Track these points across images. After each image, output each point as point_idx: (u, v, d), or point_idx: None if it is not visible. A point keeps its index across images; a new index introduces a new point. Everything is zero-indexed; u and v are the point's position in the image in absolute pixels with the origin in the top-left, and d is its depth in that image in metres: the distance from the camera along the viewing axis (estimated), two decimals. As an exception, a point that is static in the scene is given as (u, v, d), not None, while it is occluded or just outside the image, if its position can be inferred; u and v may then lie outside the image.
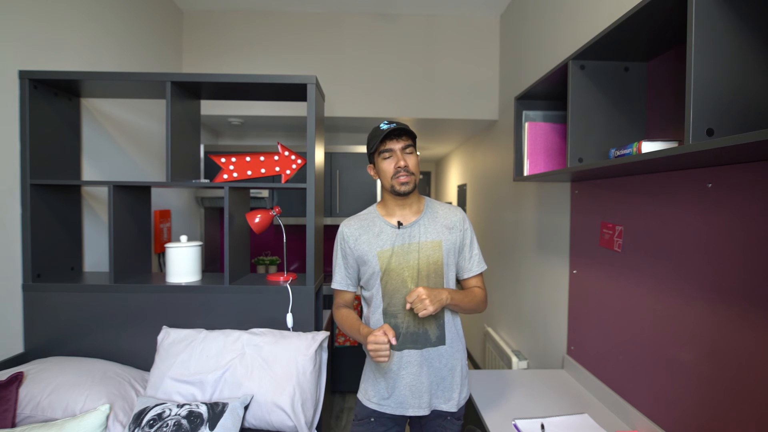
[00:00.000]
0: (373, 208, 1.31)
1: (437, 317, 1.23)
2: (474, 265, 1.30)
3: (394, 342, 1.02)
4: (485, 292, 1.31)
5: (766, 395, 0.89)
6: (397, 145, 1.19)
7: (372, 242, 1.23)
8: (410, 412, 1.21)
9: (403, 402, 1.21)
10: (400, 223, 1.24)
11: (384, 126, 1.18)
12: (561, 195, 1.84)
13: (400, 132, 1.18)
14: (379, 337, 1.03)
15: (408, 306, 1.09)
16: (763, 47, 0.78)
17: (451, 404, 1.23)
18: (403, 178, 1.18)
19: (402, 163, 1.18)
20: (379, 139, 1.17)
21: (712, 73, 0.77)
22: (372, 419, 1.25)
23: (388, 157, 1.20)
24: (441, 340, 1.23)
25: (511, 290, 2.55)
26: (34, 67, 1.59)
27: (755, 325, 0.91)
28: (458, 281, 1.35)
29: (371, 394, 1.25)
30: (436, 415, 1.25)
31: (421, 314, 1.06)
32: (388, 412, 1.23)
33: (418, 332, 1.21)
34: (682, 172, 1.12)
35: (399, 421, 1.27)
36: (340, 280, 1.30)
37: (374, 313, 1.24)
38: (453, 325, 1.26)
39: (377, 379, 1.24)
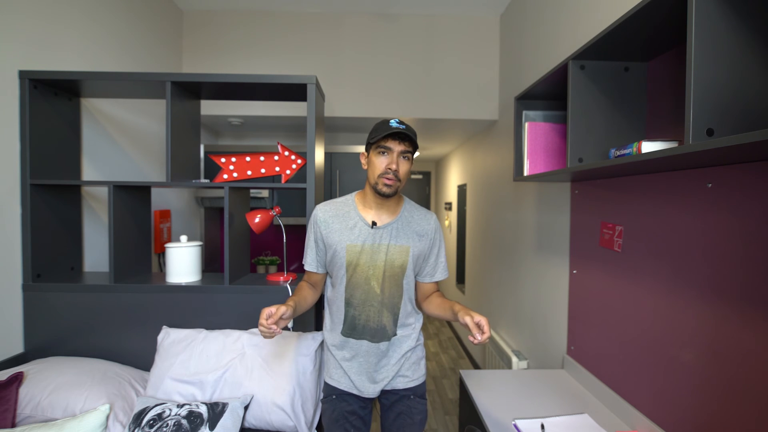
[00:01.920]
0: (351, 197, 1.31)
1: (394, 314, 1.29)
2: (437, 272, 1.34)
3: (263, 329, 1.04)
4: None
5: (766, 395, 0.89)
6: (397, 147, 1.17)
7: (344, 233, 1.24)
8: (364, 395, 1.29)
9: (358, 386, 1.29)
10: (374, 223, 1.25)
11: (394, 123, 1.16)
12: (561, 195, 1.84)
13: (405, 136, 1.17)
14: (263, 314, 1.05)
15: (478, 332, 1.05)
16: (763, 47, 0.78)
17: (406, 380, 1.31)
18: (388, 181, 1.18)
19: (394, 166, 1.17)
20: (382, 135, 1.15)
21: (712, 73, 0.77)
22: (334, 396, 1.32)
23: (384, 154, 1.19)
24: (395, 333, 1.30)
25: (511, 290, 2.55)
26: (33, 66, 1.59)
27: (755, 324, 0.91)
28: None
29: (332, 373, 1.33)
30: (401, 396, 1.32)
31: (482, 341, 1.04)
32: (347, 390, 1.31)
33: (376, 327, 1.27)
34: (682, 172, 1.12)
35: (361, 399, 1.32)
36: (311, 262, 1.32)
37: (337, 299, 1.29)
38: (407, 320, 1.31)
39: (336, 360, 1.31)
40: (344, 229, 1.25)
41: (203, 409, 1.32)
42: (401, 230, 1.26)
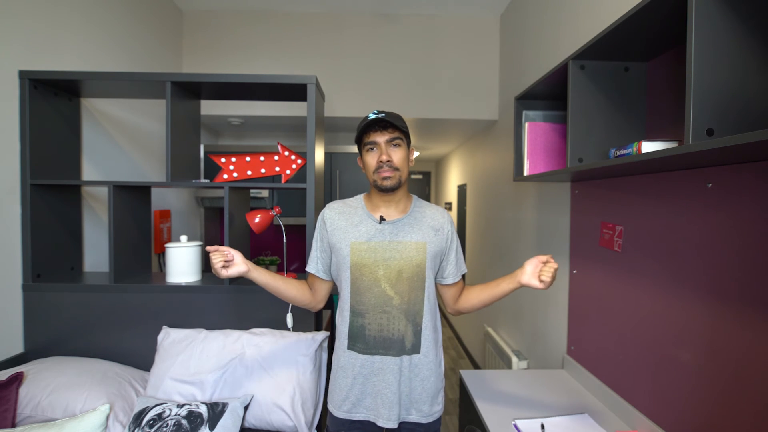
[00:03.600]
0: (360, 197, 1.25)
1: (415, 323, 1.14)
2: (459, 269, 1.26)
3: (218, 267, 1.09)
4: None
5: (764, 394, 0.89)
6: (381, 138, 1.09)
7: (349, 231, 1.15)
8: (380, 423, 1.12)
9: (373, 410, 1.13)
10: (382, 218, 1.15)
11: (372, 115, 1.09)
12: (561, 195, 1.84)
13: (386, 123, 1.08)
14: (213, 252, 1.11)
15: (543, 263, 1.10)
16: (763, 47, 0.78)
17: (420, 415, 1.15)
18: (385, 173, 1.10)
19: (384, 158, 1.09)
20: (362, 130, 1.09)
21: (712, 73, 0.77)
22: (343, 431, 1.17)
23: (372, 149, 1.12)
24: (416, 349, 1.14)
25: (511, 290, 2.55)
26: (34, 67, 1.59)
27: (754, 324, 0.91)
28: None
29: (340, 402, 1.16)
30: (409, 430, 1.17)
31: (547, 280, 1.08)
32: (359, 419, 1.15)
33: (392, 338, 1.12)
34: (682, 172, 1.12)
35: None
36: (312, 260, 1.24)
37: (343, 310, 1.17)
38: (432, 332, 1.17)
39: (345, 384, 1.15)
40: (349, 226, 1.16)
41: (203, 409, 1.32)
42: (415, 225, 1.16)
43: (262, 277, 1.16)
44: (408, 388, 1.14)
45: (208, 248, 1.12)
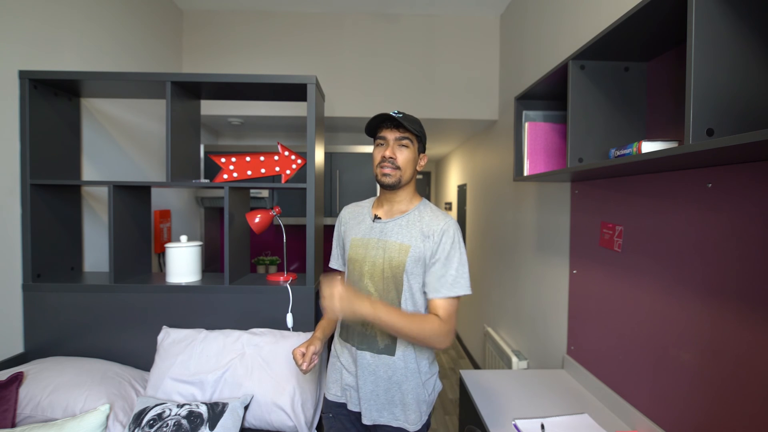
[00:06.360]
0: (372, 198, 1.32)
1: None
2: (443, 286, 1.08)
3: (301, 370, 1.11)
4: (448, 325, 1.07)
5: (764, 394, 0.89)
6: (390, 135, 1.13)
7: (353, 228, 1.23)
8: (349, 406, 1.18)
9: (347, 394, 1.19)
10: (376, 216, 1.20)
11: (392, 114, 1.14)
12: (561, 195, 1.84)
13: (398, 123, 1.11)
14: (296, 356, 1.11)
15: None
16: (763, 47, 0.78)
17: (392, 418, 1.13)
18: (386, 170, 1.13)
19: (388, 153, 1.12)
20: (373, 125, 1.15)
21: (712, 73, 0.77)
22: (330, 415, 1.23)
23: (380, 145, 1.15)
24: (390, 350, 1.12)
25: (511, 290, 2.55)
26: (33, 67, 1.59)
27: (754, 324, 0.91)
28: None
29: (330, 385, 1.24)
30: None
31: (329, 314, 1.02)
32: (344, 402, 1.20)
33: (366, 333, 1.14)
34: (682, 172, 1.12)
35: (357, 423, 1.21)
36: (336, 257, 1.33)
37: None
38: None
39: (335, 369, 1.23)
40: (354, 224, 1.24)
41: (203, 409, 1.32)
42: (405, 227, 1.15)
43: (324, 338, 1.23)
44: (383, 389, 1.13)
45: (297, 360, 1.12)
